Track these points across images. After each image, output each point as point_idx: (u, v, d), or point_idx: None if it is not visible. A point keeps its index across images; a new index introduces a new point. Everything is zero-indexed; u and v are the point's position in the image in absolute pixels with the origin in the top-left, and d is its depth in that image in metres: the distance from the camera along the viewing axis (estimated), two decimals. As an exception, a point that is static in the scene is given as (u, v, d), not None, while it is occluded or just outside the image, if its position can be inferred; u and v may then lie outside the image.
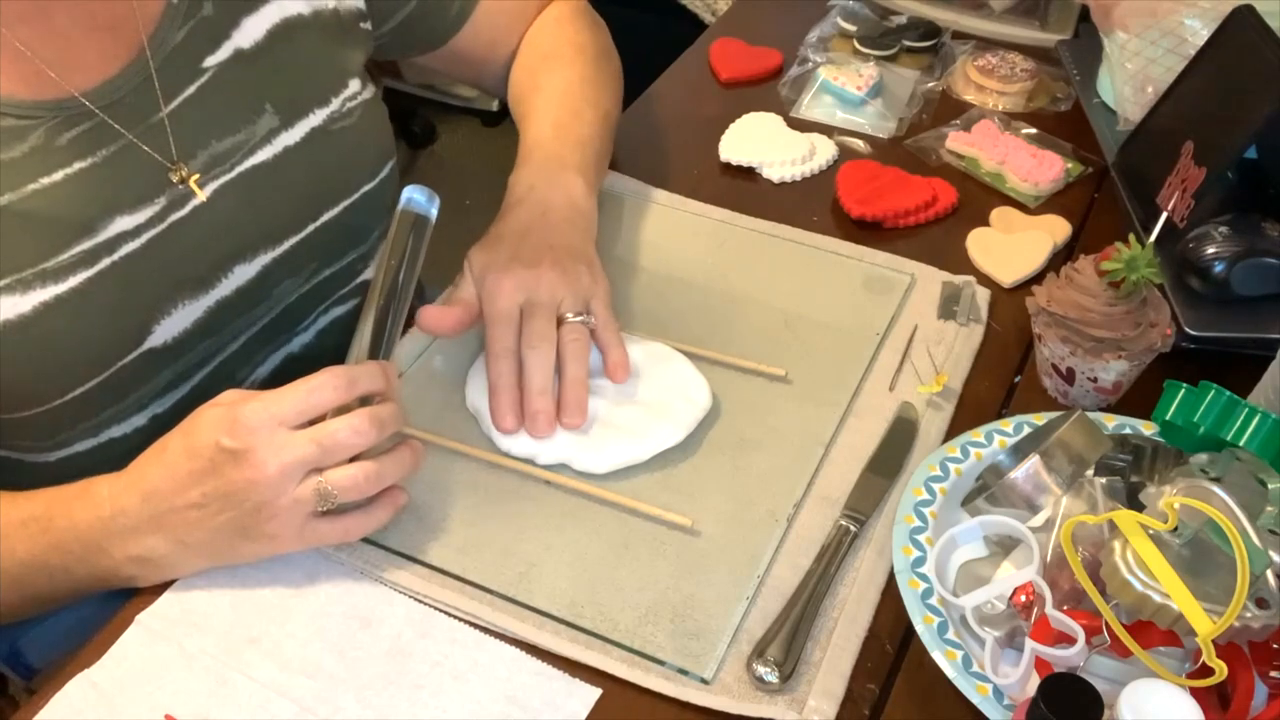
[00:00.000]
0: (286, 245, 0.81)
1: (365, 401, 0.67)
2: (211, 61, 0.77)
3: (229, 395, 0.66)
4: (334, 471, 0.65)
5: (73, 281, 0.70)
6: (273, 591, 0.69)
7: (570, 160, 0.88)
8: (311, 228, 0.82)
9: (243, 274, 0.79)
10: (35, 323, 0.69)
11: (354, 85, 0.85)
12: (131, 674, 0.65)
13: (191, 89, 0.76)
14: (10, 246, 0.68)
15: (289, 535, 0.66)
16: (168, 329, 0.75)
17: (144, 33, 0.74)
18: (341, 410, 0.66)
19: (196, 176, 0.76)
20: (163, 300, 0.75)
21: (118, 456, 0.73)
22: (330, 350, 0.89)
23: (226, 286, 0.78)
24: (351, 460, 0.66)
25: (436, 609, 0.69)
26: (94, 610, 0.72)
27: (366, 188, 0.86)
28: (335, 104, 0.83)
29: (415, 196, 0.71)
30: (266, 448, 0.63)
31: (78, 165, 0.71)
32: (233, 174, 0.78)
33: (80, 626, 0.72)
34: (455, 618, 0.68)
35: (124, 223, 0.72)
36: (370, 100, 0.87)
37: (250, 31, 0.79)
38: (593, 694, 0.65)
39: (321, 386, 0.65)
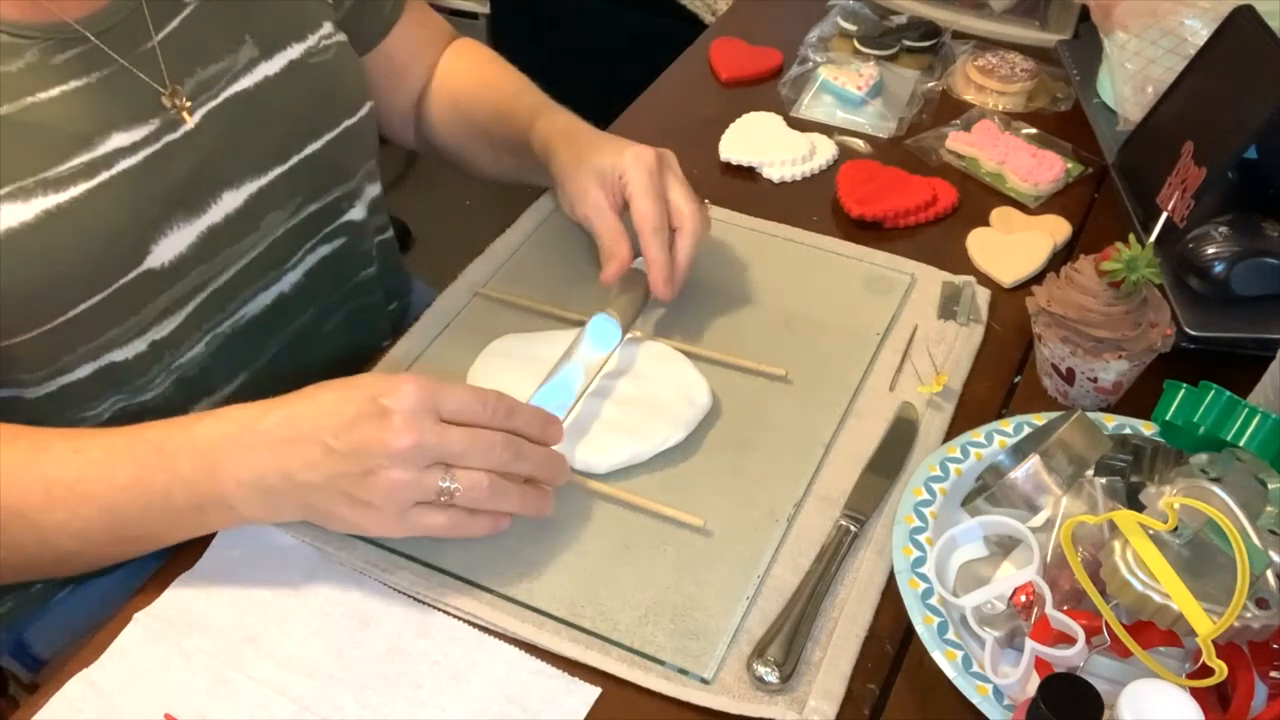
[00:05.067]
0: (272, 175, 0.83)
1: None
2: None
3: (407, 375, 0.68)
4: (466, 471, 0.66)
5: (73, 192, 0.71)
6: (272, 591, 0.69)
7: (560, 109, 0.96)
8: (295, 159, 0.84)
9: (231, 201, 0.80)
10: (37, 232, 0.70)
11: (328, 27, 0.87)
12: (131, 673, 0.65)
13: (175, 21, 0.78)
14: (10, 156, 0.69)
15: (389, 511, 0.66)
16: (164, 251, 0.77)
17: None
18: None
19: (188, 104, 0.78)
20: (160, 220, 0.76)
21: (116, 384, 0.74)
22: (321, 292, 0.91)
23: (217, 213, 0.80)
24: None
25: (435, 608, 0.69)
26: (98, 603, 0.72)
27: (347, 123, 0.88)
28: (312, 40, 0.85)
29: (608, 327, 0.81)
30: (410, 419, 0.64)
31: (73, 84, 0.72)
32: (218, 99, 0.80)
33: (87, 619, 0.72)
34: (454, 617, 0.68)
35: (120, 139, 0.74)
36: (345, 43, 0.89)
37: None
38: (592, 693, 0.65)
39: (485, 401, 0.67)
